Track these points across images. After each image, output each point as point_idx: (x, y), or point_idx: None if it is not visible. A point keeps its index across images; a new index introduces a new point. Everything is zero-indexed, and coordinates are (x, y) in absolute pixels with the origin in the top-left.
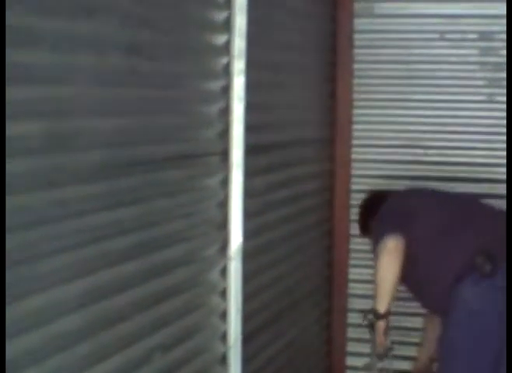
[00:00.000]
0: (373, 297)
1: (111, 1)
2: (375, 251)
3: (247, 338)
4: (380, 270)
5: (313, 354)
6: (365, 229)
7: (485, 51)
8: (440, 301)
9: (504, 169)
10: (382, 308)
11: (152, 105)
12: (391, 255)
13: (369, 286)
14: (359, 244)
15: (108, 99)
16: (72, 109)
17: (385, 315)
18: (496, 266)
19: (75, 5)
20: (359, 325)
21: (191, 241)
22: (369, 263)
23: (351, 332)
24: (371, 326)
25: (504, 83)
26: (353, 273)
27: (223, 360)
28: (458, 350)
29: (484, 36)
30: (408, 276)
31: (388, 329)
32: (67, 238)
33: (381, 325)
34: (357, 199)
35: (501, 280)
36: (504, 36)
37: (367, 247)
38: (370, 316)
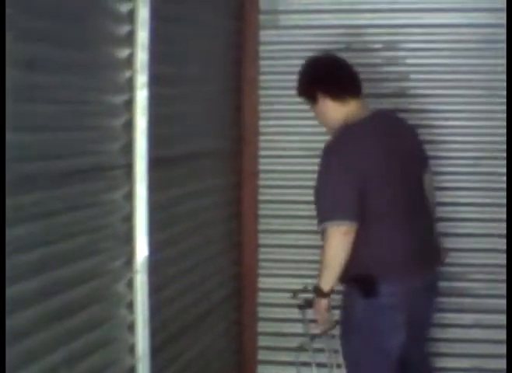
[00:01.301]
0: (317, 275)
1: (9, 16)
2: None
3: (156, 350)
4: (330, 251)
5: (224, 365)
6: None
7: (389, 61)
8: None
9: None
10: (327, 286)
11: (55, 119)
12: (342, 239)
13: (279, 295)
14: (268, 254)
15: (9, 114)
16: None
17: (328, 294)
18: (373, 288)
19: None
20: (270, 334)
21: (96, 255)
22: (279, 272)
23: (261, 341)
24: (305, 306)
25: (412, 92)
26: (263, 282)
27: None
28: (356, 359)
29: (389, 45)
30: None
31: (330, 308)
32: None
33: (324, 302)
34: (265, 209)
35: (386, 298)
36: (409, 45)
37: (276, 256)
38: (304, 295)
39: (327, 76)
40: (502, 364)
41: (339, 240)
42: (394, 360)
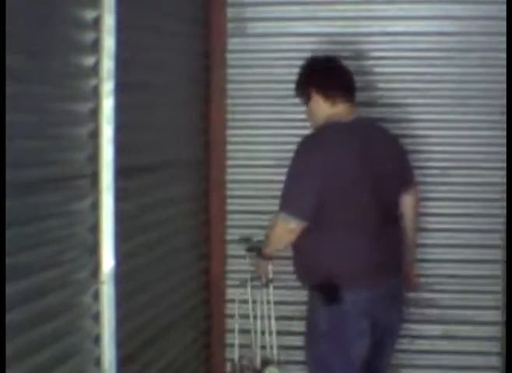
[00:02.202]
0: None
1: None
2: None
3: (123, 362)
4: (273, 236)
5: None
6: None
7: (359, 70)
8: None
9: None
10: (268, 252)
11: (19, 128)
12: (286, 234)
13: (248, 306)
14: (236, 264)
15: None
16: None
17: (270, 258)
18: (336, 295)
19: None
20: (238, 346)
21: (62, 265)
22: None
23: (229, 353)
24: (254, 252)
25: (379, 101)
26: (230, 293)
27: None
28: (320, 368)
29: (358, 54)
30: None
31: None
32: None
33: (265, 263)
34: (234, 219)
35: (350, 306)
36: (376, 53)
37: (244, 267)
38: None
39: (324, 76)
40: None
41: (283, 233)
42: (357, 369)
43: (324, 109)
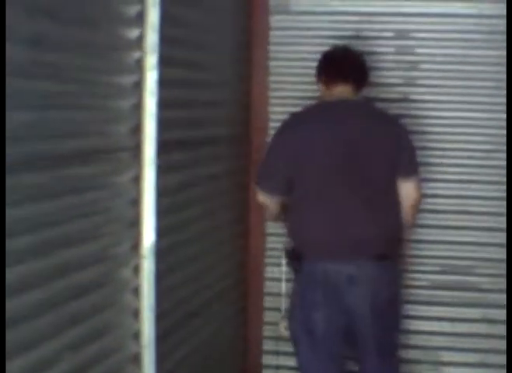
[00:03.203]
0: None
1: None
2: None
3: (161, 337)
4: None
5: (229, 353)
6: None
7: (400, 50)
8: None
9: None
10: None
11: (61, 99)
12: (263, 206)
13: (285, 284)
14: (275, 242)
15: (14, 92)
16: None
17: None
18: (299, 263)
19: None
20: (276, 324)
21: (102, 239)
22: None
23: (267, 331)
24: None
25: (419, 81)
26: (269, 271)
27: (136, 359)
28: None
29: (399, 34)
30: None
31: None
32: None
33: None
34: None
35: (306, 276)
36: (419, 34)
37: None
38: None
39: (323, 64)
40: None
41: (262, 202)
42: (319, 341)
43: (321, 91)
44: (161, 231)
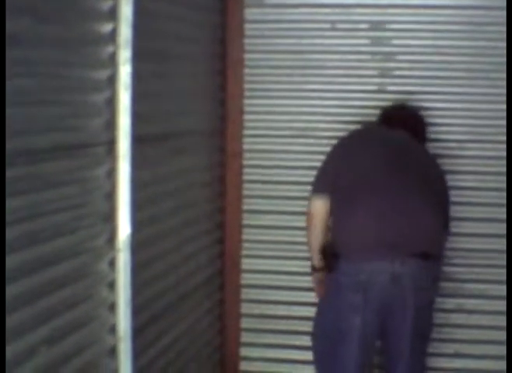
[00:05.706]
0: None
1: None
2: None
3: (138, 330)
4: (307, 232)
5: (207, 345)
6: None
7: (376, 41)
8: None
9: None
10: (315, 263)
11: (35, 94)
12: (311, 220)
13: (263, 276)
14: (252, 234)
15: None
16: None
17: (319, 269)
18: (334, 262)
19: None
20: (253, 316)
21: (77, 232)
22: (262, 253)
23: (244, 323)
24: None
25: (395, 73)
26: (246, 263)
27: (112, 352)
28: (316, 334)
29: (375, 26)
30: None
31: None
32: None
33: (316, 276)
34: (249, 189)
35: (343, 277)
36: (396, 25)
37: (260, 237)
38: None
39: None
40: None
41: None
42: (353, 347)
43: None
44: (136, 225)
